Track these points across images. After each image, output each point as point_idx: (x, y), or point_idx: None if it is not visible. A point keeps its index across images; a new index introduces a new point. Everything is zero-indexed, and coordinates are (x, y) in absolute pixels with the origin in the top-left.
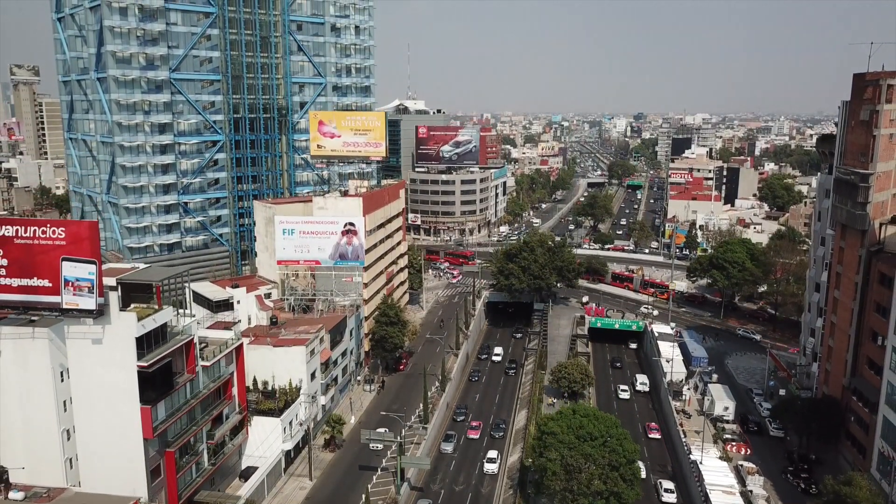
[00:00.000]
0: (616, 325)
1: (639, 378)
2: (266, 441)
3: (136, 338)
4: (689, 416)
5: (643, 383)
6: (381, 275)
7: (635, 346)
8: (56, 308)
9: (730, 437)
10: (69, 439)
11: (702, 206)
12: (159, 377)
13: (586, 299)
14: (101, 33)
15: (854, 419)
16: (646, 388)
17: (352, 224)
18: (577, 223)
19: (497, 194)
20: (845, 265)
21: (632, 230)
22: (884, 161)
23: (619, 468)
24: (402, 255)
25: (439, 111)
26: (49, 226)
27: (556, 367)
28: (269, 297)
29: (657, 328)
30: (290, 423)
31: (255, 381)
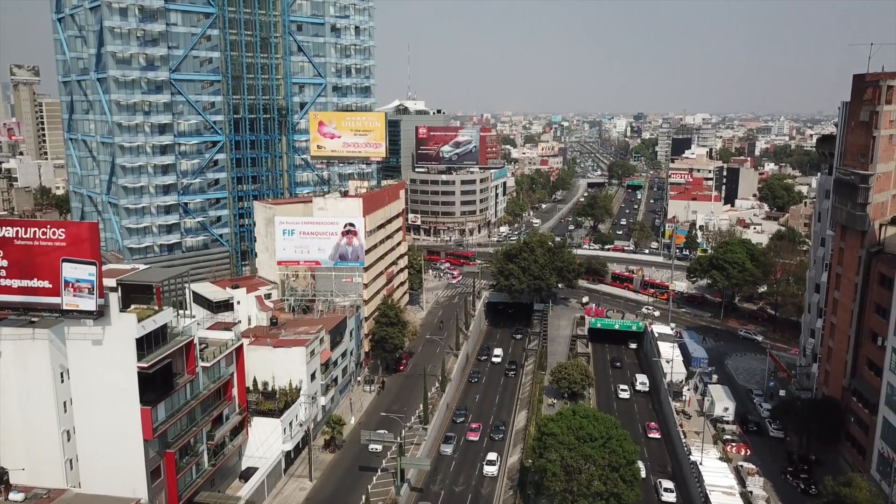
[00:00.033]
0: (616, 326)
1: (638, 378)
2: (266, 442)
3: (137, 339)
4: (689, 417)
5: (643, 383)
6: (381, 275)
7: (635, 346)
8: (56, 309)
9: (730, 438)
10: (69, 440)
11: (702, 207)
12: (159, 378)
13: (586, 300)
14: (101, 34)
15: (854, 420)
16: (645, 388)
17: (352, 225)
18: (577, 223)
19: (497, 194)
20: (845, 266)
21: (632, 230)
22: (884, 162)
23: (619, 469)
24: (402, 256)
25: (439, 111)
26: (49, 227)
27: (555, 367)
28: (269, 297)
29: (657, 329)
30: (290, 423)
31: (255, 381)
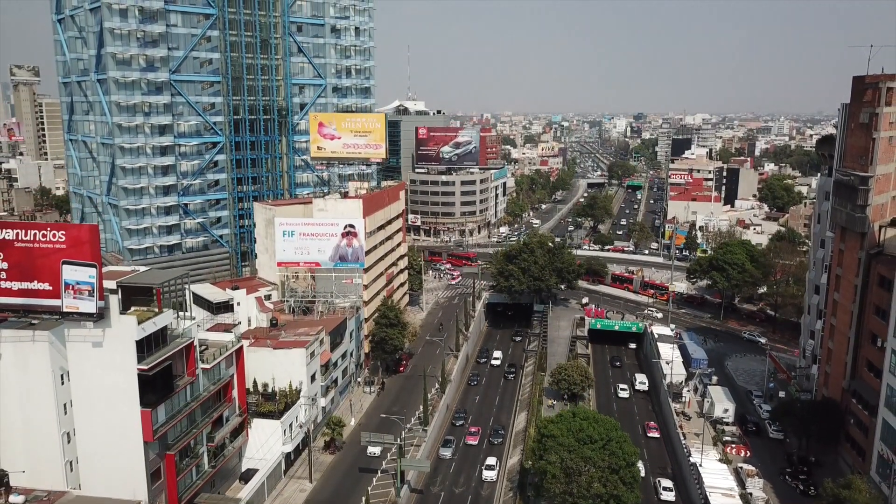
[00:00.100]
0: (616, 327)
1: (638, 377)
2: (266, 443)
3: (137, 341)
4: (688, 418)
5: (642, 382)
6: (381, 276)
7: (635, 347)
8: (56, 311)
9: (729, 440)
10: (69, 442)
11: (702, 207)
12: (159, 380)
13: (586, 301)
14: (102, 35)
15: (853, 421)
16: (645, 387)
17: (352, 226)
18: (576, 224)
19: (497, 195)
20: (845, 267)
21: (631, 231)
22: (883, 164)
23: (618, 471)
24: (402, 257)
25: (439, 112)
26: (49, 229)
27: (555, 368)
28: (269, 298)
29: (657, 330)
30: (290, 425)
31: (255, 383)
